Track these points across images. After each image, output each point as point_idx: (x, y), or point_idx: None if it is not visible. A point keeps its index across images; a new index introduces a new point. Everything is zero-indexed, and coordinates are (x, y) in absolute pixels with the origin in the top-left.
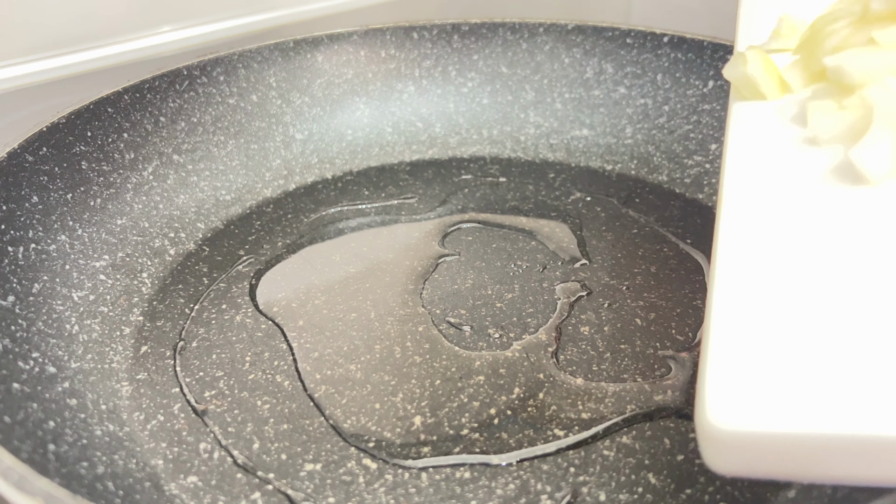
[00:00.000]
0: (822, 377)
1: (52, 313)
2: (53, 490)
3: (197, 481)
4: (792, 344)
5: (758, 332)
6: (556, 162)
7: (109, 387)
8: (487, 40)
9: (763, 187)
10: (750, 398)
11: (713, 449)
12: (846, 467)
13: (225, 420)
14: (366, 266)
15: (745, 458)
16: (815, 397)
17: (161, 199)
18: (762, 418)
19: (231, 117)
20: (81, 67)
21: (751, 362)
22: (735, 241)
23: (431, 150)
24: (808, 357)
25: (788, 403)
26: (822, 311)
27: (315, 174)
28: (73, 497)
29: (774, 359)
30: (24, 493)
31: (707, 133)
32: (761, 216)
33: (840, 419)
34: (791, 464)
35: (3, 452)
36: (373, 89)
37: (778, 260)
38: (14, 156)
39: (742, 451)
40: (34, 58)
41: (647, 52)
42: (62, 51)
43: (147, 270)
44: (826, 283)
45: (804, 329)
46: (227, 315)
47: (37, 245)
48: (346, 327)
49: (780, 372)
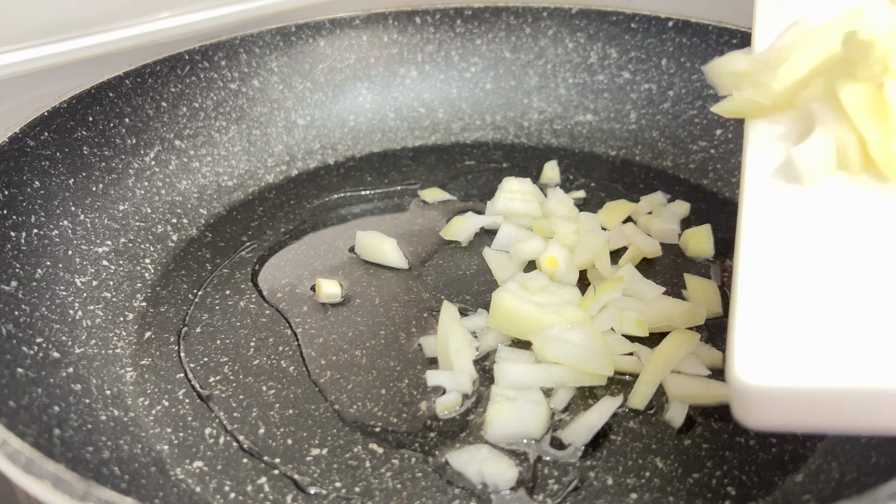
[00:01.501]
0: (842, 335)
1: (56, 299)
2: (61, 473)
3: (203, 466)
4: (814, 306)
5: (782, 296)
6: (560, 147)
7: (113, 372)
8: (490, 25)
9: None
10: (776, 356)
11: (743, 405)
12: (867, 418)
13: (230, 405)
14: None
15: (772, 412)
16: (835, 354)
17: (163, 184)
18: (788, 374)
19: (233, 102)
20: (82, 53)
21: (776, 323)
22: (759, 212)
23: (434, 136)
24: (829, 317)
25: (811, 360)
26: (842, 275)
27: (317, 160)
28: (81, 480)
29: (798, 319)
30: (31, 476)
31: (712, 118)
32: (783, 190)
33: (859, 373)
34: (815, 415)
35: (9, 436)
36: (375, 74)
37: (800, 227)
38: (15, 140)
39: (770, 406)
40: (34, 43)
41: (652, 36)
42: (62, 36)
43: (150, 256)
44: (847, 248)
45: (825, 292)
46: (231, 301)
47: (39, 230)
48: (351, 313)
49: (803, 331)
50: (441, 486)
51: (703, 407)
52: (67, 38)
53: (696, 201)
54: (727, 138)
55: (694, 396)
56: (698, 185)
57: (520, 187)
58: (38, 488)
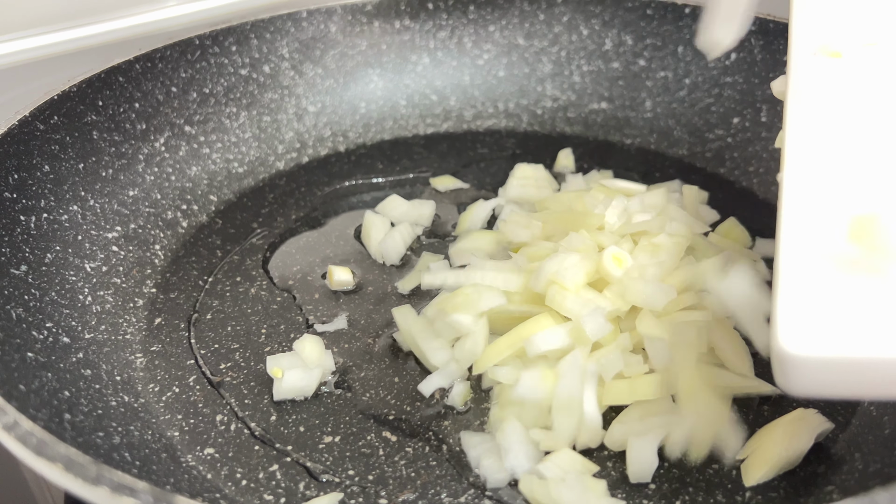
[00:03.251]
0: (883, 305)
1: (65, 283)
2: (73, 455)
3: (214, 453)
4: (853, 277)
5: (824, 265)
6: (574, 136)
7: (123, 358)
8: (504, 11)
9: (825, 134)
10: (818, 325)
11: (785, 373)
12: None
13: (241, 392)
14: None
15: (813, 380)
16: (876, 324)
17: (173, 170)
18: (829, 344)
19: (243, 88)
20: (90, 41)
21: (817, 294)
22: (799, 178)
23: (446, 124)
24: (870, 286)
25: (853, 330)
26: (881, 248)
27: (328, 147)
28: (93, 462)
29: (839, 291)
30: (43, 458)
31: (729, 107)
32: (823, 157)
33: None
34: (855, 384)
35: (21, 417)
36: (387, 61)
37: (840, 197)
38: (25, 124)
39: (811, 374)
40: (42, 31)
41: (668, 23)
42: (70, 24)
43: (160, 242)
44: (885, 220)
45: (864, 265)
46: (242, 287)
47: (49, 215)
48: (363, 300)
49: (843, 303)
50: (455, 476)
51: None
52: (75, 27)
53: (714, 190)
54: (744, 127)
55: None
56: (715, 174)
57: (533, 173)
58: (51, 471)
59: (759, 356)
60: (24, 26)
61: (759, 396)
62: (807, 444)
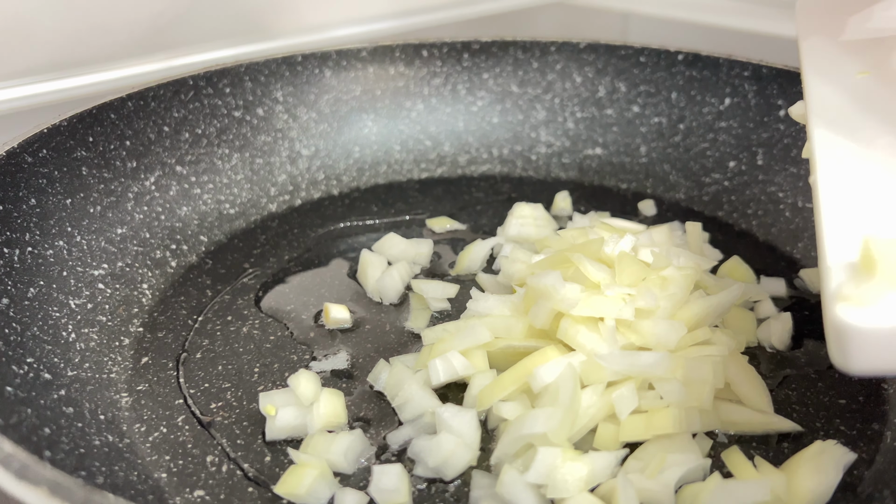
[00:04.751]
0: None
1: (48, 319)
2: (59, 478)
3: (204, 495)
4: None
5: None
6: (569, 181)
7: (108, 397)
8: (498, 59)
9: (849, 121)
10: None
11: (842, 347)
12: None
13: (233, 432)
14: None
15: (872, 355)
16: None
17: (163, 209)
18: (888, 315)
19: (236, 130)
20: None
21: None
22: (834, 160)
23: (441, 169)
24: None
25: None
26: None
27: (321, 190)
28: (80, 486)
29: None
30: (25, 483)
31: (725, 151)
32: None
33: None
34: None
35: (2, 439)
36: (381, 106)
37: (880, 173)
38: (13, 155)
39: (869, 348)
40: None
41: (661, 70)
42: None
43: (147, 281)
44: None
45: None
46: (233, 326)
47: (33, 249)
48: (361, 339)
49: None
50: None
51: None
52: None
53: (713, 233)
54: (741, 170)
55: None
56: (713, 217)
57: (532, 213)
58: (33, 496)
59: (776, 391)
60: (11, 76)
61: (779, 433)
62: (835, 477)
